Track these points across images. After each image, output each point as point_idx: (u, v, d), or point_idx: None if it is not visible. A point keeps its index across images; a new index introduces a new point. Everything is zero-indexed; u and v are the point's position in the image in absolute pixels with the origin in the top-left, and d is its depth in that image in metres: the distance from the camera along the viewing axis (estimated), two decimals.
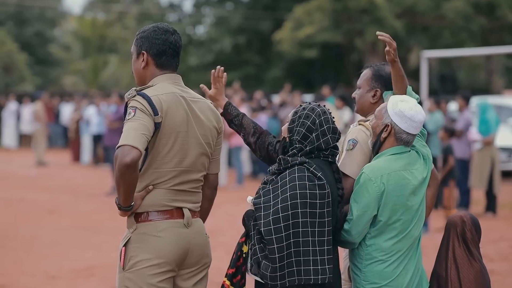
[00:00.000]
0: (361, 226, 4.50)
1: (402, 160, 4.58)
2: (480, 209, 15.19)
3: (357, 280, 4.59)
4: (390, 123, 4.58)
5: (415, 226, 4.57)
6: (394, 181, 4.51)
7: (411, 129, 4.58)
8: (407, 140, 4.61)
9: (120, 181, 4.21)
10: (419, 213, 4.60)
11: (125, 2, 49.19)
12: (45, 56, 51.29)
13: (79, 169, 24.72)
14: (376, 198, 4.48)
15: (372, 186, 4.47)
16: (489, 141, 15.02)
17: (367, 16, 33.18)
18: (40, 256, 10.71)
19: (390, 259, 4.51)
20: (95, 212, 14.86)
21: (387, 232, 4.52)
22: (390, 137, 4.60)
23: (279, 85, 35.87)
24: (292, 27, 34.44)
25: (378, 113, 4.65)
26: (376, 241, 4.53)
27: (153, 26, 4.59)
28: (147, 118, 4.30)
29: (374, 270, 4.52)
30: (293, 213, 4.37)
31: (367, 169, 4.52)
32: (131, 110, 4.32)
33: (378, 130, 4.61)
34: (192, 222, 4.51)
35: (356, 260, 4.59)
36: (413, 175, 4.57)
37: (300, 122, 4.58)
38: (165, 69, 4.57)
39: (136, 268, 4.39)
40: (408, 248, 4.56)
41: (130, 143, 4.18)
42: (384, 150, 4.61)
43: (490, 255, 10.91)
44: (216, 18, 43.94)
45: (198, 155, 4.52)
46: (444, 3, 33.16)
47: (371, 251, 4.53)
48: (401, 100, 4.60)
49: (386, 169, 4.52)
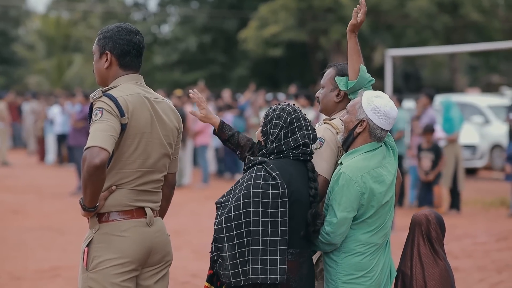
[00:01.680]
0: (344, 227, 4.48)
1: (377, 157, 4.57)
2: (445, 207, 15.29)
3: (332, 272, 4.56)
4: (365, 119, 4.56)
5: (389, 219, 4.60)
6: (373, 179, 4.50)
7: (386, 125, 4.58)
8: (381, 136, 4.60)
9: (88, 182, 4.20)
10: (391, 205, 4.62)
11: (90, 1, 48.94)
12: (9, 55, 50.90)
13: (43, 169, 24.55)
14: (357, 198, 4.46)
15: (354, 186, 4.45)
16: (453, 139, 15.14)
17: (332, 14, 33.31)
18: (4, 257, 10.63)
19: (367, 251, 4.52)
20: (60, 212, 14.77)
21: (366, 226, 4.52)
22: (364, 132, 4.57)
23: (245, 84, 35.87)
24: (257, 26, 34.48)
25: (351, 108, 4.62)
26: (354, 234, 4.52)
27: (116, 26, 4.56)
28: (114, 119, 4.28)
29: (351, 262, 4.51)
30: (244, 212, 4.37)
31: (347, 169, 4.49)
32: (97, 111, 4.29)
33: (352, 126, 4.59)
34: (154, 221, 4.52)
35: (331, 253, 4.57)
36: (387, 169, 4.58)
37: (273, 124, 4.57)
38: (128, 69, 4.56)
39: (99, 268, 4.38)
40: (382, 240, 4.58)
41: (98, 144, 4.17)
42: (357, 147, 4.58)
43: (454, 252, 10.99)
44: (181, 17, 43.87)
45: (160, 155, 4.52)
46: (408, 2, 33.35)
47: (349, 243, 4.52)
48: (376, 96, 4.59)
49: (366, 167, 4.50)
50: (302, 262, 4.48)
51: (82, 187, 4.26)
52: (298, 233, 4.46)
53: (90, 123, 4.31)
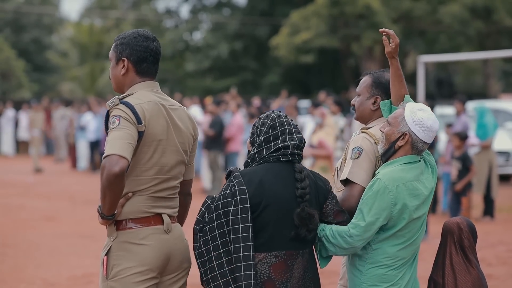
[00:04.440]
0: (370, 232, 4.45)
1: (415, 170, 4.54)
2: (478, 213, 15.19)
3: (356, 281, 4.55)
4: (408, 132, 4.53)
5: (420, 235, 4.56)
6: (408, 191, 4.47)
7: (428, 138, 4.55)
8: (422, 149, 4.57)
9: (107, 190, 4.21)
10: (424, 222, 4.59)
11: (122, 9, 49.24)
12: (43, 62, 51.29)
13: (75, 175, 24.70)
14: (390, 206, 4.43)
15: (388, 195, 4.43)
16: (487, 145, 15.03)
17: (364, 21, 33.22)
18: (39, 263, 10.70)
19: (394, 265, 4.49)
20: (93, 219, 14.82)
21: (394, 239, 4.50)
22: (406, 145, 4.55)
23: (276, 90, 35.92)
24: (289, 32, 34.48)
25: (393, 120, 4.58)
26: (383, 246, 4.50)
27: (133, 33, 4.56)
28: (131, 127, 4.29)
29: (376, 273, 4.49)
30: (210, 227, 4.40)
31: (384, 177, 4.47)
32: (115, 118, 4.30)
33: (393, 138, 4.56)
34: (172, 227, 4.51)
35: (358, 263, 4.55)
36: (423, 185, 4.54)
37: (258, 131, 4.61)
38: (145, 76, 4.56)
39: (119, 277, 4.38)
40: (410, 255, 4.55)
41: (117, 152, 4.18)
42: (396, 158, 4.57)
43: (488, 259, 10.91)
44: (213, 24, 44.00)
45: (176, 162, 4.52)
46: (441, 7, 33.21)
47: (376, 255, 4.50)
48: (420, 109, 4.54)
49: (402, 179, 4.47)
50: (292, 264, 4.44)
51: (101, 195, 4.26)
52: (282, 235, 4.42)
53: (108, 131, 4.31)
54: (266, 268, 4.39)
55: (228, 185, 4.43)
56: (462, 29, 33.59)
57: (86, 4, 55.24)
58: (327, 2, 32.98)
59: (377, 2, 32.40)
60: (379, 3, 32.49)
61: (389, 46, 4.75)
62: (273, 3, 42.39)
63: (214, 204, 4.42)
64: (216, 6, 44.60)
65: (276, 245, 4.42)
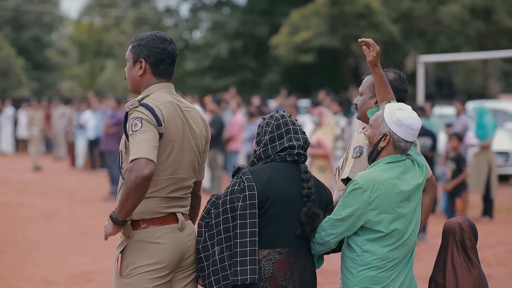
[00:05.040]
0: (340, 228, 4.48)
1: (396, 169, 4.55)
2: (477, 214, 15.20)
3: (347, 283, 4.56)
4: (388, 132, 4.55)
5: (411, 235, 4.54)
6: (386, 189, 4.47)
7: (409, 137, 4.55)
8: (405, 148, 4.58)
9: (132, 193, 4.25)
10: (415, 221, 4.57)
11: (122, 7, 49.24)
12: (42, 61, 51.28)
13: (74, 174, 24.70)
14: (364, 206, 4.45)
15: (362, 194, 4.45)
16: (486, 146, 15.04)
17: (364, 20, 33.24)
18: (38, 261, 10.70)
19: (385, 266, 4.49)
20: (91, 217, 14.84)
21: (383, 240, 4.49)
22: (388, 146, 4.56)
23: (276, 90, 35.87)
24: (289, 32, 34.49)
25: (374, 123, 4.60)
26: (372, 247, 4.49)
27: (151, 35, 4.62)
28: (154, 129, 4.35)
29: (368, 275, 4.49)
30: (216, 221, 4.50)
31: (359, 178, 4.49)
32: (137, 121, 4.34)
33: (375, 140, 4.57)
34: (185, 225, 4.58)
35: (349, 265, 4.56)
36: (406, 182, 4.53)
37: (263, 131, 4.68)
38: (161, 77, 4.61)
39: (134, 274, 4.44)
40: (403, 257, 4.54)
41: (145, 155, 4.23)
42: (379, 159, 4.59)
43: (487, 259, 10.91)
44: (212, 23, 44.01)
45: (191, 163, 4.58)
46: (441, 7, 33.22)
47: (366, 257, 4.50)
48: (398, 109, 4.56)
49: (379, 178, 4.48)
50: (294, 262, 4.52)
51: (122, 198, 4.28)
52: (286, 232, 4.51)
53: (129, 134, 4.35)
54: (270, 264, 4.47)
55: (236, 181, 4.52)
56: (462, 29, 33.60)
57: (86, 2, 55.29)
58: (327, 1, 33.00)
59: (377, 2, 32.42)
60: (379, 3, 32.51)
61: (370, 55, 4.78)
62: (273, 2, 42.40)
63: (221, 200, 4.51)
64: (216, 5, 44.59)
65: (279, 242, 4.50)
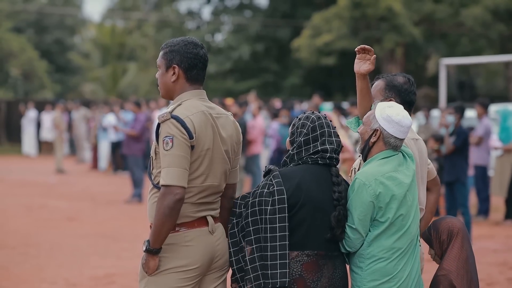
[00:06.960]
0: (363, 230, 4.59)
1: (392, 162, 4.69)
2: (500, 217, 15.13)
3: (357, 278, 4.65)
4: (378, 128, 4.71)
5: (413, 222, 4.66)
6: (387, 182, 4.61)
7: (399, 134, 4.71)
8: (395, 144, 4.73)
9: (167, 219, 4.35)
10: (415, 209, 4.70)
11: (144, 10, 49.38)
12: (65, 63, 51.55)
13: (97, 176, 24.80)
14: (372, 201, 4.57)
15: (367, 190, 4.57)
16: (510, 149, 14.97)
17: (385, 23, 33.14)
18: (61, 263, 10.76)
19: (391, 257, 4.59)
20: (114, 219, 14.91)
21: (388, 231, 4.60)
22: (378, 141, 4.72)
23: (297, 92, 35.89)
24: (310, 34, 34.45)
25: (366, 120, 4.79)
26: (378, 240, 4.60)
27: (182, 40, 4.66)
28: (185, 147, 4.41)
29: (376, 268, 4.59)
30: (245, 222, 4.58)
31: (360, 175, 4.63)
32: (168, 139, 4.40)
33: (367, 136, 4.75)
34: (216, 227, 4.62)
35: (358, 260, 4.66)
36: (403, 174, 4.68)
37: (298, 132, 4.72)
38: (194, 82, 4.67)
39: (163, 274, 4.50)
40: (408, 246, 4.64)
41: (176, 183, 4.35)
42: (373, 155, 4.73)
43: (510, 262, 10.87)
44: (234, 25, 44.05)
45: (221, 169, 4.63)
46: (463, 10, 33.08)
47: (373, 249, 4.60)
48: (388, 106, 4.74)
49: (379, 172, 4.63)
50: (323, 264, 4.58)
51: (158, 226, 4.37)
52: (315, 235, 4.57)
53: (161, 151, 4.42)
54: (298, 266, 4.53)
55: (266, 184, 4.58)
56: (484, 32, 33.44)
57: (109, 5, 55.52)
58: (349, 4, 32.93)
59: (399, 5, 32.33)
60: (401, 6, 32.41)
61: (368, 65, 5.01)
62: (294, 5, 42.37)
63: (250, 201, 4.58)
64: (237, 7, 44.63)
65: (309, 245, 4.56)
